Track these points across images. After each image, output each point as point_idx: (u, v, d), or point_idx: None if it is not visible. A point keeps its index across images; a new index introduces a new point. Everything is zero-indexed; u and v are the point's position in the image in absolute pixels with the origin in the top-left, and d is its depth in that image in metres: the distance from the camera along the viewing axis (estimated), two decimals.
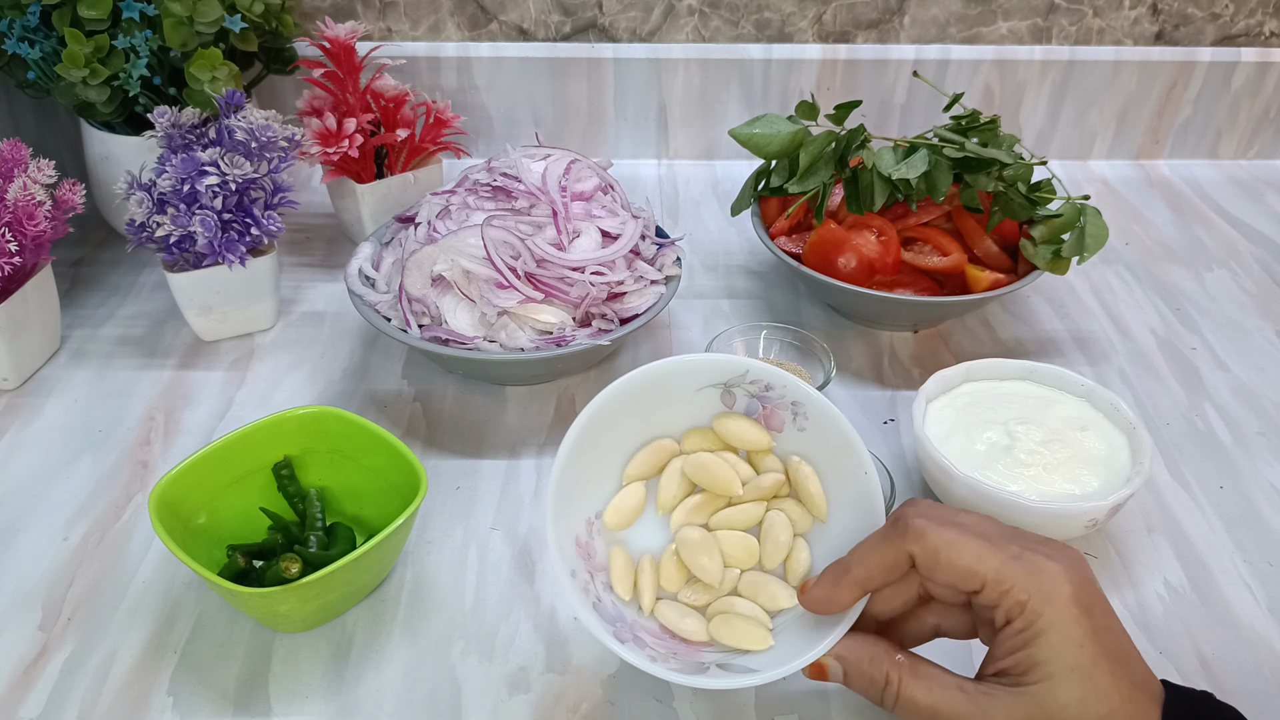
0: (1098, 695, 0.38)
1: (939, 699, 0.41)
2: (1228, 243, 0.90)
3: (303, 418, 0.56)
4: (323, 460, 0.57)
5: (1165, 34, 0.98)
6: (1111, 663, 0.39)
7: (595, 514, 0.48)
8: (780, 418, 0.49)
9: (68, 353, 0.73)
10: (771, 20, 0.95)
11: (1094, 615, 0.40)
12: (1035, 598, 0.39)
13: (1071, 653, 0.39)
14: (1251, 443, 0.67)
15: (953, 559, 0.41)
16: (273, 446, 0.56)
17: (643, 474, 0.49)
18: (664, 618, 0.46)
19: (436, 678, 0.51)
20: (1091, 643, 0.39)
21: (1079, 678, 0.39)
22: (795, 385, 0.48)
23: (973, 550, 0.41)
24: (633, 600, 0.47)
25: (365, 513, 0.57)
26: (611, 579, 0.47)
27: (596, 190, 0.71)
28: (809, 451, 0.48)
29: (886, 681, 0.42)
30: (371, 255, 0.71)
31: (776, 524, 0.48)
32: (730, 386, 0.49)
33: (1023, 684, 0.39)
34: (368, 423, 0.55)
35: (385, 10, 0.94)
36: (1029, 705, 0.39)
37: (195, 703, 0.49)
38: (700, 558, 0.47)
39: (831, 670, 0.43)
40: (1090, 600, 0.40)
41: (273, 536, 0.55)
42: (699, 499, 0.49)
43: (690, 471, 0.49)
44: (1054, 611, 0.39)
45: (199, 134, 0.71)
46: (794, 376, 0.48)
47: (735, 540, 0.48)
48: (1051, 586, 0.40)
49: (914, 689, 0.41)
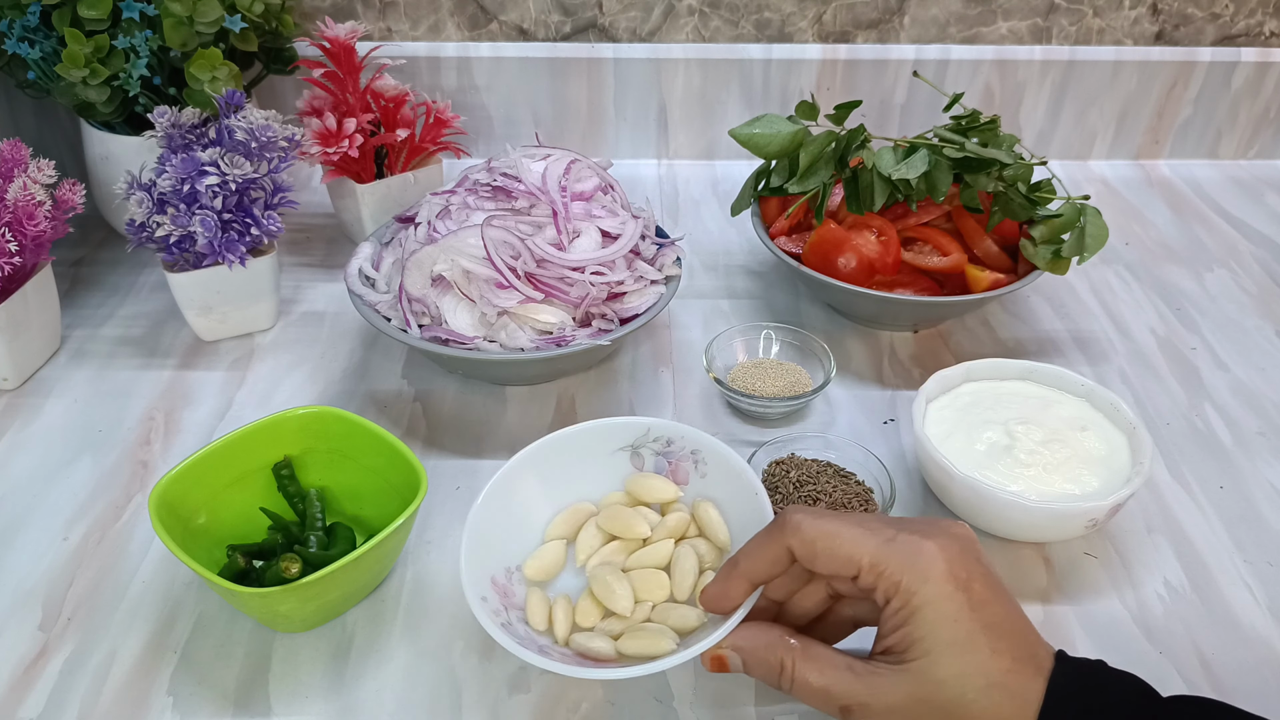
0: (976, 669, 0.39)
1: (830, 680, 0.42)
2: (1228, 243, 0.90)
3: (303, 418, 0.56)
4: (323, 460, 0.57)
5: (1165, 34, 0.98)
6: (991, 636, 0.40)
7: (515, 565, 0.51)
8: (684, 470, 0.54)
9: (68, 353, 0.73)
10: (771, 20, 0.95)
11: (972, 590, 0.41)
12: (909, 576, 0.41)
13: (947, 628, 0.40)
14: (1251, 443, 0.67)
15: (830, 548, 0.42)
16: (273, 446, 0.56)
17: (563, 534, 0.53)
18: (576, 644, 0.48)
19: (436, 678, 0.51)
20: (968, 617, 0.40)
21: (956, 652, 0.40)
22: (693, 435, 0.54)
23: (848, 537, 0.42)
24: (547, 631, 0.49)
25: (365, 513, 0.57)
26: (528, 614, 0.49)
27: (596, 190, 0.71)
28: (712, 492, 0.53)
29: (781, 667, 0.43)
30: (371, 255, 0.71)
31: (683, 556, 0.51)
32: (637, 448, 0.55)
33: (904, 661, 0.41)
34: (368, 423, 0.55)
35: (385, 10, 0.94)
36: (911, 682, 0.40)
37: (195, 703, 0.49)
38: (612, 590, 0.49)
39: (731, 661, 0.45)
40: (968, 575, 0.41)
41: (272, 536, 0.55)
42: (613, 545, 0.53)
43: (603, 523, 0.53)
44: (928, 589, 0.40)
45: (199, 134, 0.71)
46: (690, 428, 0.54)
47: (647, 576, 0.50)
48: (926, 565, 0.41)
49: (806, 672, 0.43)
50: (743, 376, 0.69)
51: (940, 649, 0.40)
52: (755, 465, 0.60)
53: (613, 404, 0.69)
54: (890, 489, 0.58)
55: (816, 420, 0.68)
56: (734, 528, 0.51)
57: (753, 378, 0.68)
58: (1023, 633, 0.41)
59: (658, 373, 0.72)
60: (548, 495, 0.54)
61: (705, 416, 0.68)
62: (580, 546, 0.53)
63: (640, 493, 0.54)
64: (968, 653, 0.40)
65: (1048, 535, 0.57)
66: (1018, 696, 0.39)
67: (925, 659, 0.40)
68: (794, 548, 0.43)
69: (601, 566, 0.51)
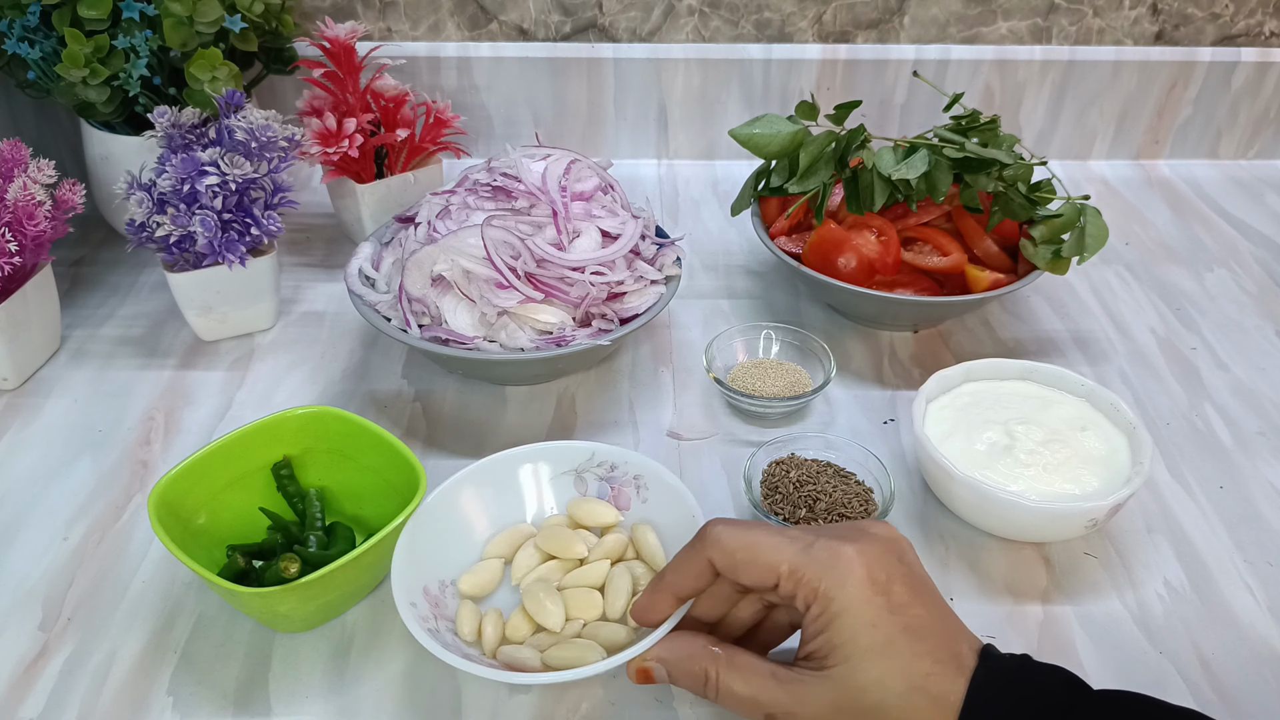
0: (896, 673, 0.39)
1: (756, 689, 0.42)
2: (1228, 243, 0.90)
3: (302, 418, 0.56)
4: (322, 460, 0.57)
5: (1165, 34, 0.98)
6: (911, 639, 0.40)
7: (450, 580, 0.52)
8: (626, 495, 0.55)
9: (68, 353, 0.73)
10: (771, 20, 0.95)
11: (891, 593, 0.41)
12: (827, 582, 0.41)
13: (865, 634, 0.40)
14: (1251, 443, 0.67)
15: (749, 558, 0.42)
16: (272, 446, 0.56)
17: (501, 553, 0.54)
18: (503, 655, 0.48)
19: (436, 678, 0.51)
20: (887, 621, 0.40)
21: (875, 657, 0.40)
22: (636, 460, 0.55)
23: (767, 546, 0.42)
24: (476, 643, 0.49)
25: (365, 512, 0.57)
26: (457, 625, 0.50)
27: (596, 190, 0.71)
28: (652, 516, 0.54)
29: (706, 676, 0.43)
30: (371, 255, 0.71)
31: (617, 576, 0.51)
32: (581, 472, 0.56)
33: (825, 667, 0.41)
34: (367, 422, 0.55)
35: (385, 10, 0.94)
36: (833, 688, 0.40)
37: (195, 703, 0.49)
38: (544, 605, 0.50)
39: (656, 672, 0.45)
40: (888, 577, 0.41)
41: (272, 536, 0.55)
42: (550, 565, 0.53)
43: (541, 543, 0.54)
44: (845, 595, 0.40)
45: (199, 134, 0.71)
46: (634, 453, 0.55)
47: (580, 594, 0.51)
48: (843, 570, 0.41)
49: (731, 680, 0.43)
50: (743, 376, 0.69)
51: (859, 654, 0.40)
52: (755, 465, 0.60)
53: (613, 404, 0.69)
54: (890, 489, 0.58)
55: (816, 420, 0.68)
56: (671, 551, 0.51)
57: (753, 378, 0.68)
58: (946, 634, 0.41)
59: (658, 373, 0.72)
60: (489, 514, 0.55)
61: (705, 416, 0.68)
62: (517, 565, 0.53)
63: (581, 516, 0.55)
64: (887, 658, 0.40)
65: (1048, 535, 0.57)
66: (939, 700, 0.39)
67: (845, 665, 0.40)
68: (714, 560, 0.43)
69: (536, 583, 0.51)
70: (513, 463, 0.56)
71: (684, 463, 0.64)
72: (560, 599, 0.50)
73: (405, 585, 0.48)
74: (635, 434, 0.67)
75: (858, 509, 0.57)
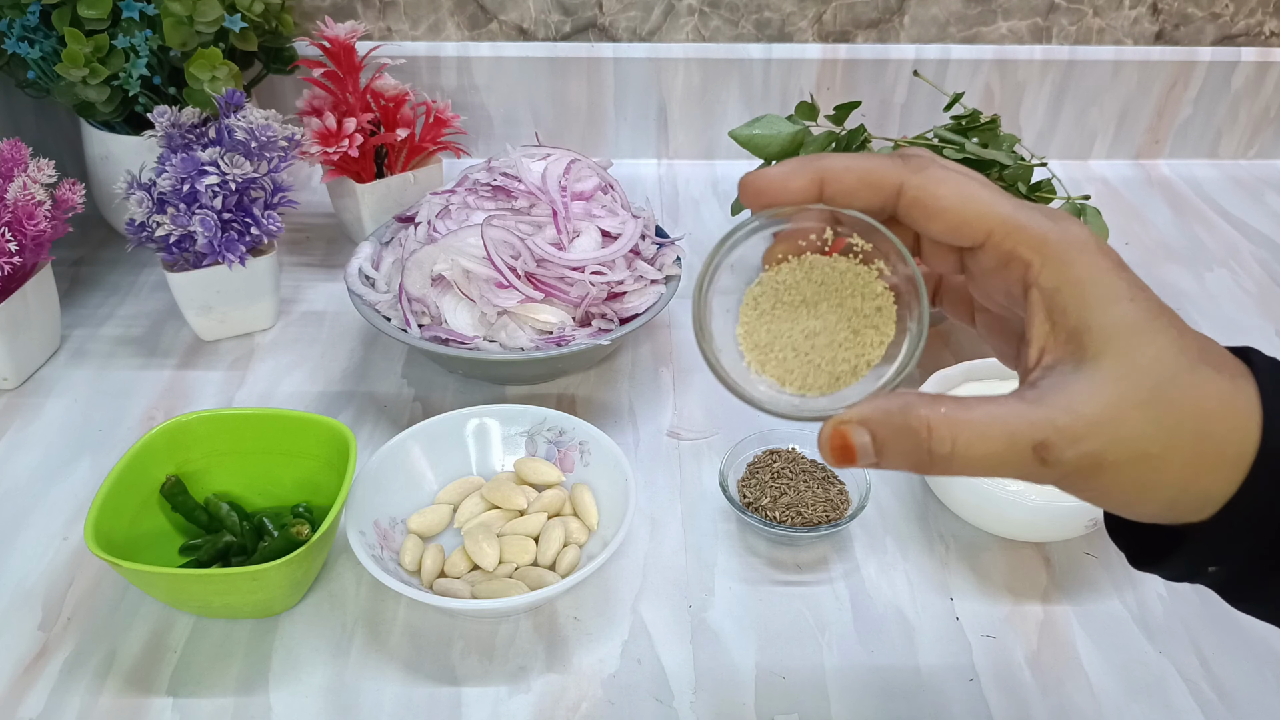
0: (1173, 348, 0.30)
1: (1008, 418, 0.30)
2: (1228, 243, 0.90)
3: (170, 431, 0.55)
4: (232, 462, 0.57)
5: (1165, 34, 0.98)
6: (1173, 316, 0.31)
7: (401, 518, 0.57)
8: (571, 458, 0.60)
9: (67, 352, 0.73)
10: (771, 20, 0.95)
11: (1126, 271, 0.31)
12: (1059, 242, 0.31)
13: (1124, 306, 0.30)
14: None
15: (955, 192, 0.32)
16: (156, 467, 0.55)
17: (450, 500, 0.59)
18: (439, 587, 0.53)
19: (436, 677, 0.51)
20: (1142, 295, 0.31)
21: (1144, 332, 0.30)
22: (583, 428, 0.59)
23: (979, 193, 0.32)
24: (416, 574, 0.54)
25: (317, 500, 0.57)
26: (401, 556, 0.55)
27: (596, 190, 0.71)
28: (592, 479, 0.59)
29: (929, 429, 0.31)
30: (371, 255, 0.71)
31: (552, 528, 0.56)
32: (533, 434, 0.61)
33: (1087, 358, 0.30)
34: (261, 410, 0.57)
35: (385, 10, 0.94)
36: (1109, 376, 0.30)
37: (195, 703, 0.49)
38: (481, 546, 0.54)
39: (857, 440, 0.31)
40: (1118, 257, 0.32)
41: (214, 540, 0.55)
42: (493, 513, 0.58)
43: (487, 494, 0.58)
44: (1086, 261, 0.31)
45: (199, 134, 0.70)
46: (582, 422, 0.59)
47: (516, 541, 0.55)
48: (1076, 233, 0.31)
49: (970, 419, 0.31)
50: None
51: (1126, 330, 0.30)
52: (746, 452, 0.62)
53: (613, 403, 0.69)
54: (866, 488, 0.58)
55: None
56: (605, 511, 0.57)
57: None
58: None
59: (658, 372, 0.72)
60: (443, 465, 0.60)
61: (705, 416, 0.68)
62: (462, 511, 0.58)
63: (527, 474, 0.59)
64: (1157, 331, 0.30)
65: (1048, 535, 0.57)
66: (1225, 370, 0.30)
67: (1113, 344, 0.30)
68: (908, 189, 0.32)
69: (477, 527, 0.56)
70: (467, 419, 0.60)
71: (684, 462, 0.64)
72: (497, 543, 0.55)
73: (356, 516, 0.53)
74: (635, 433, 0.66)
75: (814, 515, 0.57)
